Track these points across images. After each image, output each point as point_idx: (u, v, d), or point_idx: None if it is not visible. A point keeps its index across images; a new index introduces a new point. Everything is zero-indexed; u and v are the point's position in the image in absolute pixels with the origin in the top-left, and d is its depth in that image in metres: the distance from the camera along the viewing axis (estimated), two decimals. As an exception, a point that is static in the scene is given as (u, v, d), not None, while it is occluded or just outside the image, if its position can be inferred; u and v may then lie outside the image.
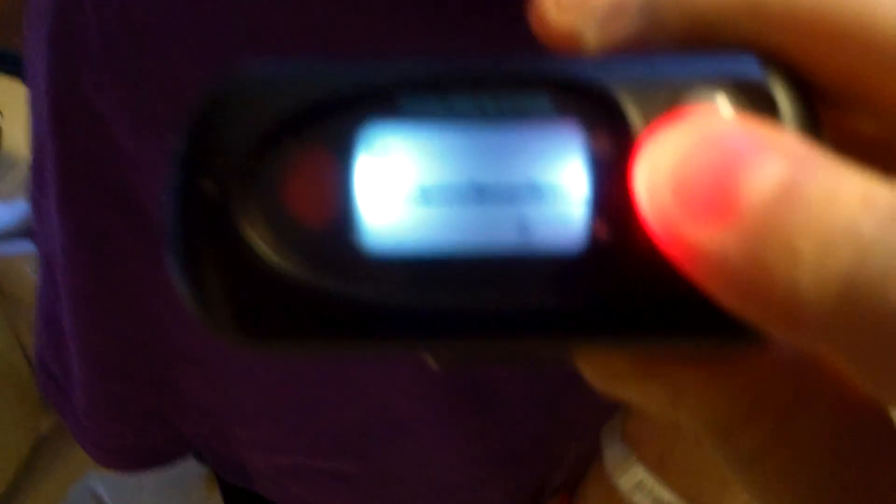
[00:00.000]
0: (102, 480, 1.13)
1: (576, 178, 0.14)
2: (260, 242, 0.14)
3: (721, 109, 0.13)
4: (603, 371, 0.15)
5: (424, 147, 0.14)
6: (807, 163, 0.11)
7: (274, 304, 0.14)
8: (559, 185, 0.14)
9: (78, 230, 0.45)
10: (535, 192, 0.14)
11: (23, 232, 0.95)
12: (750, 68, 0.14)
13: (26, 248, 0.91)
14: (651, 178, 0.12)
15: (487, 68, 0.14)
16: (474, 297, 0.14)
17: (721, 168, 0.12)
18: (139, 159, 0.41)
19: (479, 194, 0.14)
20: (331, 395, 0.46)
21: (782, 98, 0.13)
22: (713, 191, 0.12)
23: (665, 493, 0.40)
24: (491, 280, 0.14)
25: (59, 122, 0.42)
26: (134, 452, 0.54)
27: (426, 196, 0.14)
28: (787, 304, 0.11)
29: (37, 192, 0.49)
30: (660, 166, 0.12)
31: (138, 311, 0.48)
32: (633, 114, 0.14)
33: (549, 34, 0.15)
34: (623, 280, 0.14)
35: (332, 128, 0.14)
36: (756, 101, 0.13)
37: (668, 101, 0.14)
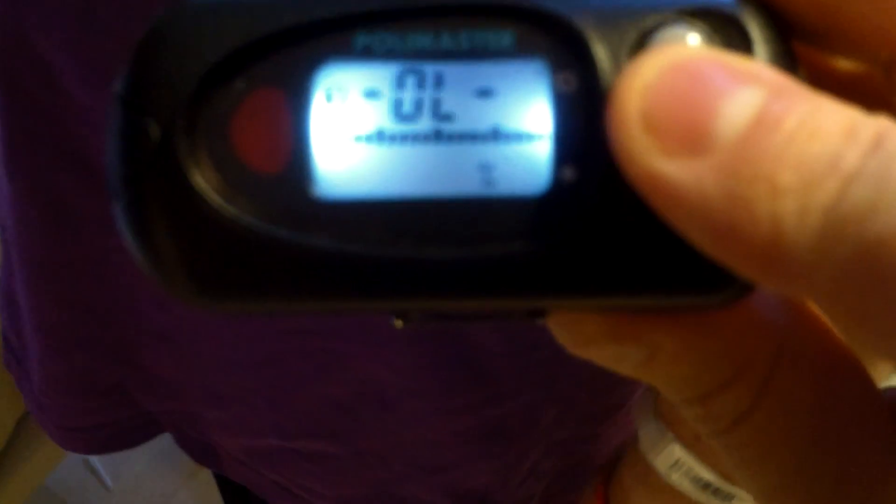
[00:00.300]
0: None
1: (540, 118, 0.13)
2: (208, 188, 0.13)
3: (692, 41, 0.13)
4: (575, 333, 0.15)
5: (381, 86, 0.13)
6: (785, 93, 0.11)
7: (224, 256, 0.13)
8: (522, 124, 0.13)
9: (29, 191, 0.42)
10: (497, 131, 0.13)
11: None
12: (726, 1, 0.13)
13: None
14: (620, 110, 0.12)
15: (446, 0, 0.13)
16: (434, 245, 0.13)
17: (694, 97, 0.11)
18: (92, 113, 0.38)
19: (439, 135, 0.13)
20: (307, 371, 0.42)
21: (756, 31, 0.13)
22: (686, 121, 0.11)
23: (704, 472, 0.37)
24: (452, 227, 0.13)
25: (3, 72, 0.38)
26: (95, 432, 0.51)
27: (383, 138, 0.13)
28: (768, 240, 0.11)
29: None
30: (629, 98, 0.12)
31: (98, 279, 0.44)
32: (599, 48, 0.13)
33: None
34: (591, 227, 0.13)
35: (282, 65, 0.13)
36: (729, 34, 0.13)
37: (636, 34, 0.13)
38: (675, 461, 0.37)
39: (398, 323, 0.15)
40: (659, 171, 0.11)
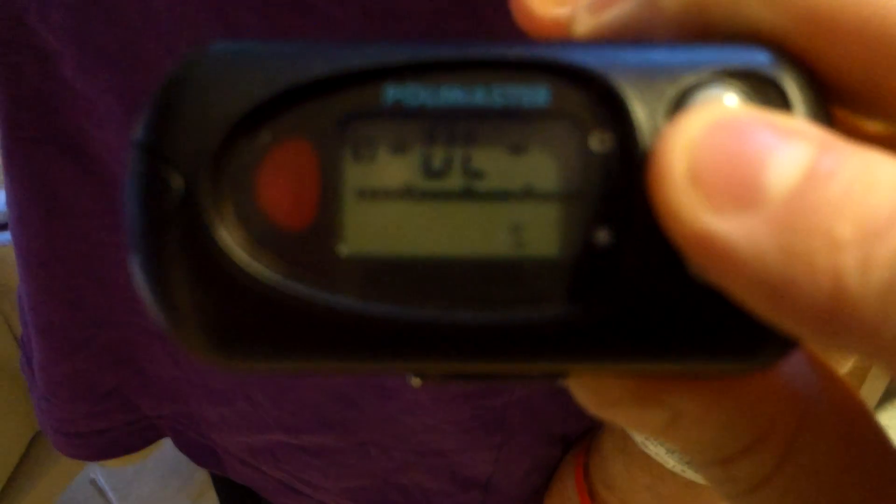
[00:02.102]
0: (102, 468, 1.10)
1: (574, 177, 0.13)
2: (231, 243, 0.13)
3: (730, 102, 0.12)
4: (597, 396, 0.14)
5: (410, 141, 0.13)
6: (833, 147, 0.10)
7: (245, 313, 0.13)
8: (556, 184, 0.13)
9: (27, 185, 0.41)
10: (529, 191, 0.13)
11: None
12: (760, 61, 0.12)
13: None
14: (665, 167, 0.11)
15: (480, 53, 0.13)
16: (463, 307, 0.13)
17: (743, 152, 0.10)
18: (89, 100, 0.37)
19: (469, 193, 0.13)
20: None
21: (794, 92, 0.12)
22: (735, 176, 0.10)
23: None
24: (481, 289, 0.13)
25: (3, 62, 0.37)
26: (94, 438, 0.50)
27: (411, 194, 0.13)
28: (829, 295, 0.10)
29: None
30: (674, 155, 0.11)
31: (94, 276, 0.43)
32: (637, 108, 0.12)
33: (534, 23, 0.14)
34: (624, 292, 0.12)
35: (310, 117, 0.13)
36: (767, 94, 0.12)
37: (674, 94, 0.12)
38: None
39: (416, 381, 0.14)
40: (709, 227, 0.10)
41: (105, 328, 0.44)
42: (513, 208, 0.13)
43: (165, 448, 0.89)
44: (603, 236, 0.12)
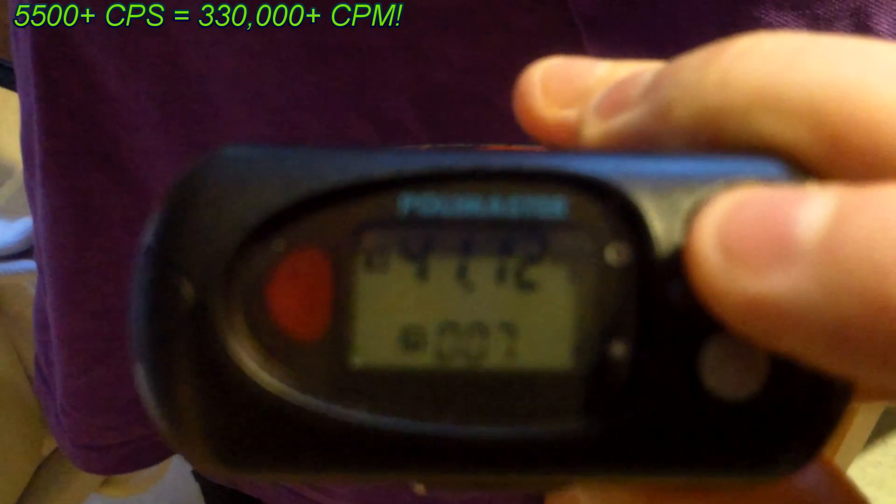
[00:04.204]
0: (103, 501, 1.09)
1: (590, 289, 0.12)
2: (243, 355, 0.12)
3: None
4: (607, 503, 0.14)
5: (426, 250, 0.12)
6: (857, 191, 0.10)
7: (253, 425, 0.12)
8: (573, 295, 0.12)
9: (62, 193, 0.41)
10: (545, 301, 0.12)
11: (24, 250, 0.91)
12: (773, 172, 0.12)
13: (28, 266, 0.87)
14: (700, 253, 0.11)
15: (497, 164, 0.12)
16: (477, 420, 0.12)
17: (769, 215, 0.10)
18: (126, 108, 0.38)
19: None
20: None
21: None
22: (768, 236, 0.10)
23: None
24: (496, 401, 0.12)
25: (43, 70, 0.38)
26: (109, 452, 0.50)
27: (431, 305, 0.12)
28: (890, 325, 0.09)
29: (28, 177, 0.45)
30: (705, 240, 0.11)
31: (123, 285, 0.44)
32: (654, 220, 0.12)
33: (538, 125, 0.14)
34: (643, 404, 0.12)
35: (323, 226, 0.12)
36: None
37: (690, 206, 0.12)
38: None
39: (420, 488, 0.14)
40: (752, 290, 0.10)
41: (126, 340, 0.45)
42: (529, 317, 0.12)
43: (167, 480, 0.88)
44: (619, 349, 0.12)
